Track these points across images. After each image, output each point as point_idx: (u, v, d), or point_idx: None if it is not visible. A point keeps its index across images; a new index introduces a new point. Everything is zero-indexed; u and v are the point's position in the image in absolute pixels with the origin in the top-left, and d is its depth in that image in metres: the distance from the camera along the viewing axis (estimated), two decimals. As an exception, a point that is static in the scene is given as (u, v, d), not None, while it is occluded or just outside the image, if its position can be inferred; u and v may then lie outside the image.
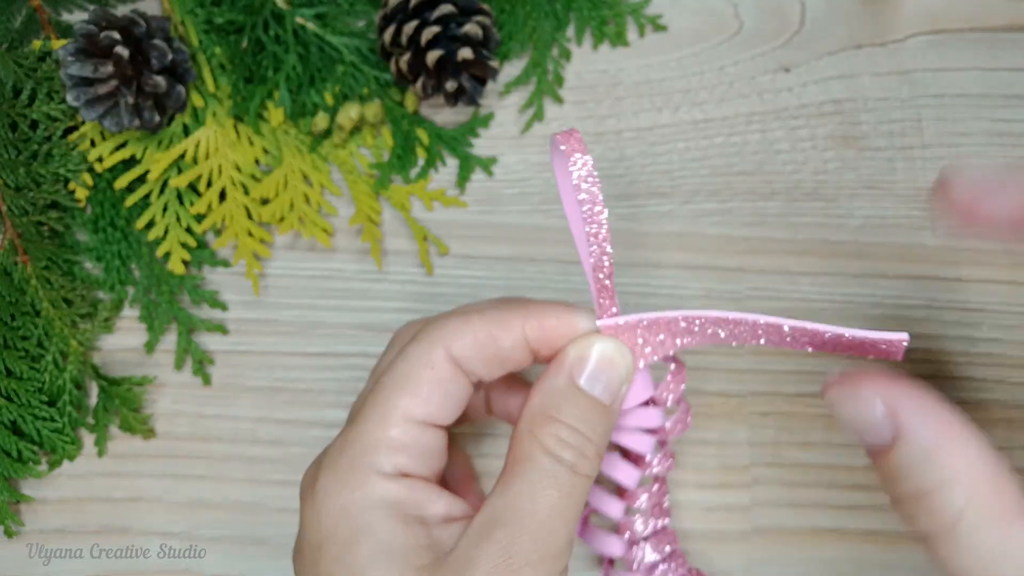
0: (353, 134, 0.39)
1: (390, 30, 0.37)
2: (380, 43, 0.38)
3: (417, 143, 0.39)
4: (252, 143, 0.38)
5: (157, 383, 0.37)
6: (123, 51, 0.35)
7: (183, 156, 0.38)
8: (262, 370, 0.37)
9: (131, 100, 0.35)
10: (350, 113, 0.38)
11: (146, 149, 0.38)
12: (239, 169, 0.38)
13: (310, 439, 0.36)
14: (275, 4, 0.39)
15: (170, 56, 0.36)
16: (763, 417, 0.36)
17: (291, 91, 0.39)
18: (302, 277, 0.38)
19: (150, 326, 0.37)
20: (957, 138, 0.39)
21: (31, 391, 0.36)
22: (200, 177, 0.38)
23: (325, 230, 0.38)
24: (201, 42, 0.38)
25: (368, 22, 0.40)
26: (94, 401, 0.37)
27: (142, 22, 0.36)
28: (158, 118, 0.37)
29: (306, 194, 0.38)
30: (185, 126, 0.38)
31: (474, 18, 0.37)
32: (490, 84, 0.39)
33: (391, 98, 0.39)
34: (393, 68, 0.38)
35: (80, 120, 0.38)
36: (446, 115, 0.40)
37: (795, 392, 0.36)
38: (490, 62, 0.37)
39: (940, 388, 0.37)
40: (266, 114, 0.38)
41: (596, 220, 0.26)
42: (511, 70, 0.40)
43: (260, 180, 0.38)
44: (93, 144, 0.38)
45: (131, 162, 0.38)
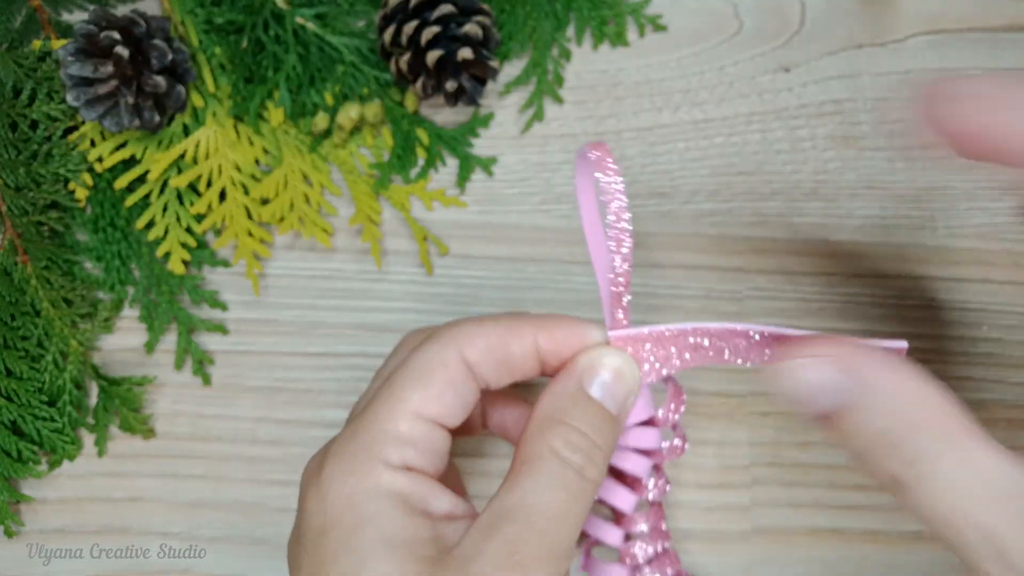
0: (353, 134, 0.39)
1: (390, 30, 0.37)
2: (380, 43, 0.38)
3: (417, 143, 0.39)
4: (252, 143, 0.38)
5: (157, 383, 0.37)
6: (123, 51, 0.35)
7: (183, 156, 0.38)
8: (262, 370, 0.37)
9: (131, 100, 0.35)
10: (350, 113, 0.38)
11: (146, 149, 0.38)
12: (239, 169, 0.38)
13: (310, 439, 0.36)
14: (275, 4, 0.39)
15: (170, 56, 0.36)
16: (763, 417, 0.36)
17: (291, 91, 0.39)
18: (302, 277, 0.38)
19: (150, 326, 0.37)
20: (957, 138, 0.39)
21: (31, 391, 0.36)
22: (200, 177, 0.38)
23: (325, 230, 0.38)
24: (201, 42, 0.38)
25: (368, 22, 0.40)
26: (94, 401, 0.37)
27: (142, 22, 0.36)
28: (158, 118, 0.37)
29: (306, 194, 0.38)
30: (185, 126, 0.38)
31: (474, 18, 0.37)
32: (490, 84, 0.39)
33: (391, 98, 0.39)
34: (393, 68, 0.38)
35: (80, 120, 0.38)
36: (446, 115, 0.40)
37: (795, 392, 0.36)
38: (490, 62, 0.37)
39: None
40: (266, 114, 0.38)
41: (621, 235, 0.26)
42: (511, 70, 0.40)
43: (260, 180, 0.38)
44: (93, 144, 0.38)
45: (131, 162, 0.38)
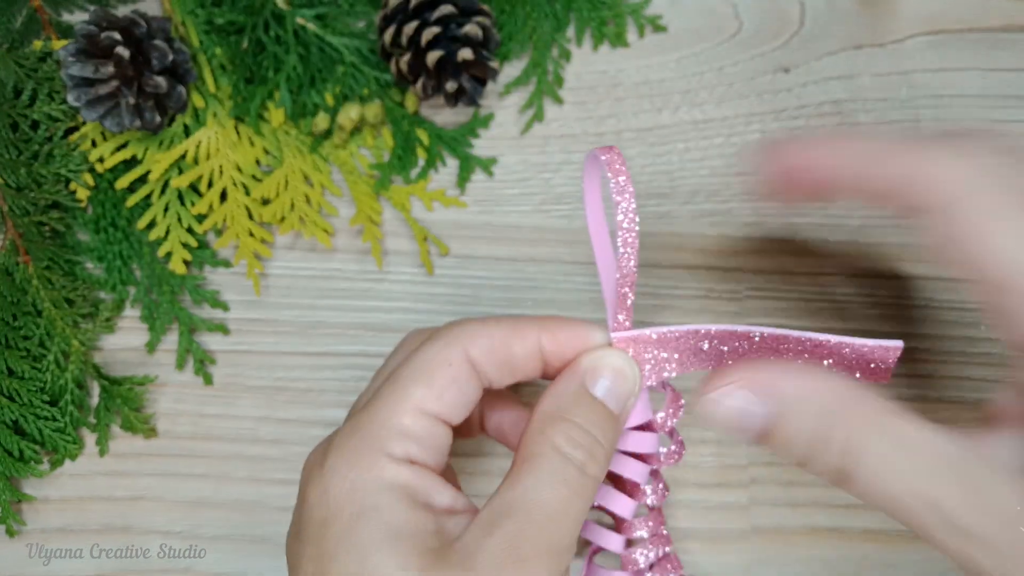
0: (353, 135, 0.39)
1: (390, 31, 0.37)
2: (380, 44, 0.38)
3: (417, 143, 0.39)
4: (253, 143, 0.38)
5: (158, 383, 0.37)
6: (124, 52, 0.35)
7: (184, 156, 0.38)
8: (263, 370, 0.37)
9: (132, 100, 0.35)
10: (350, 114, 0.38)
11: (147, 149, 0.38)
12: (240, 169, 0.38)
13: (311, 438, 0.36)
14: (276, 5, 0.39)
15: (171, 57, 0.36)
16: (762, 417, 0.36)
17: (292, 92, 0.39)
18: (303, 277, 0.38)
19: (151, 326, 0.37)
20: (956, 138, 0.39)
21: (33, 391, 0.36)
22: (201, 177, 0.38)
23: (326, 230, 0.38)
24: (202, 43, 0.38)
25: (368, 23, 0.40)
26: (96, 401, 0.37)
27: (143, 23, 0.36)
28: (159, 118, 0.37)
29: (307, 194, 0.38)
30: (186, 127, 0.38)
31: (474, 19, 0.37)
32: (490, 85, 0.39)
33: (391, 99, 0.39)
34: (393, 69, 0.38)
35: (81, 120, 0.38)
36: (446, 116, 0.40)
37: (794, 392, 0.36)
38: (490, 63, 0.37)
39: (939, 388, 0.37)
40: (267, 115, 0.39)
41: (629, 237, 0.26)
42: (511, 71, 0.41)
43: (261, 180, 0.38)
44: (94, 144, 0.38)
45: (132, 162, 0.38)
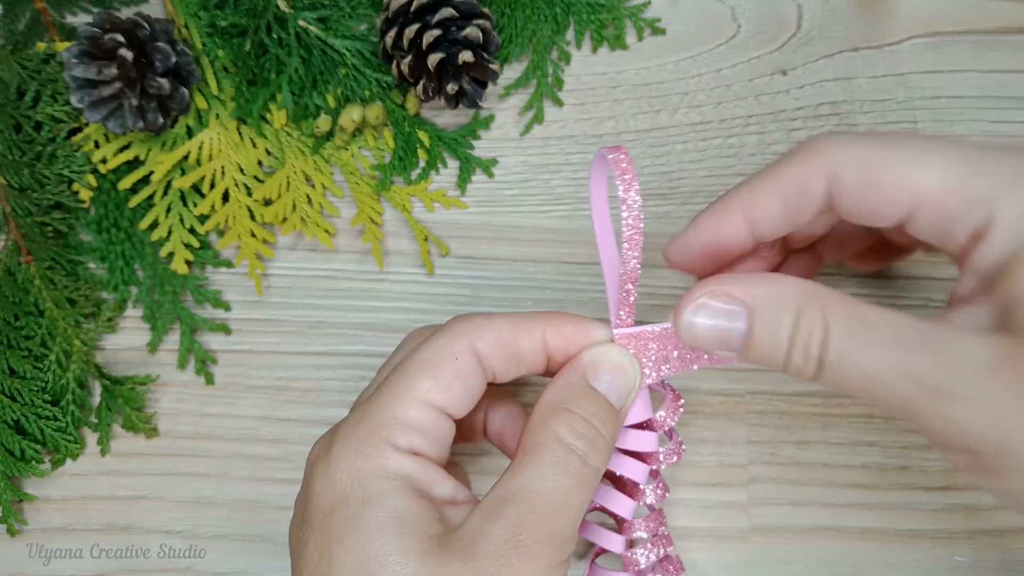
0: (355, 136, 0.39)
1: (391, 33, 0.37)
2: (382, 46, 0.38)
3: (418, 145, 0.39)
4: (255, 145, 0.39)
5: (160, 382, 0.37)
6: (127, 53, 0.35)
7: (186, 158, 0.38)
8: (264, 369, 0.37)
9: (135, 102, 0.36)
10: (352, 115, 0.38)
11: (150, 151, 0.38)
12: (242, 170, 0.38)
13: (312, 438, 0.36)
14: (278, 7, 0.39)
15: (174, 58, 0.36)
16: (761, 416, 0.36)
17: (294, 93, 0.39)
18: (304, 277, 0.38)
19: (153, 326, 0.37)
20: (953, 140, 0.40)
21: (35, 390, 0.36)
22: (203, 178, 0.38)
23: (327, 231, 0.38)
24: (204, 45, 0.39)
25: (370, 25, 0.40)
26: (97, 400, 0.37)
27: (146, 25, 0.36)
28: (162, 120, 0.37)
29: (308, 195, 0.38)
30: (188, 128, 0.39)
31: (474, 21, 0.37)
32: (490, 87, 0.39)
33: (392, 100, 0.40)
34: (394, 71, 0.38)
35: (84, 122, 0.38)
36: (447, 117, 0.40)
37: (793, 391, 0.37)
38: (490, 65, 0.38)
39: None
40: (269, 116, 0.39)
41: (635, 236, 0.27)
42: (511, 73, 0.41)
43: (263, 181, 0.38)
44: (97, 145, 0.38)
45: (135, 163, 0.38)
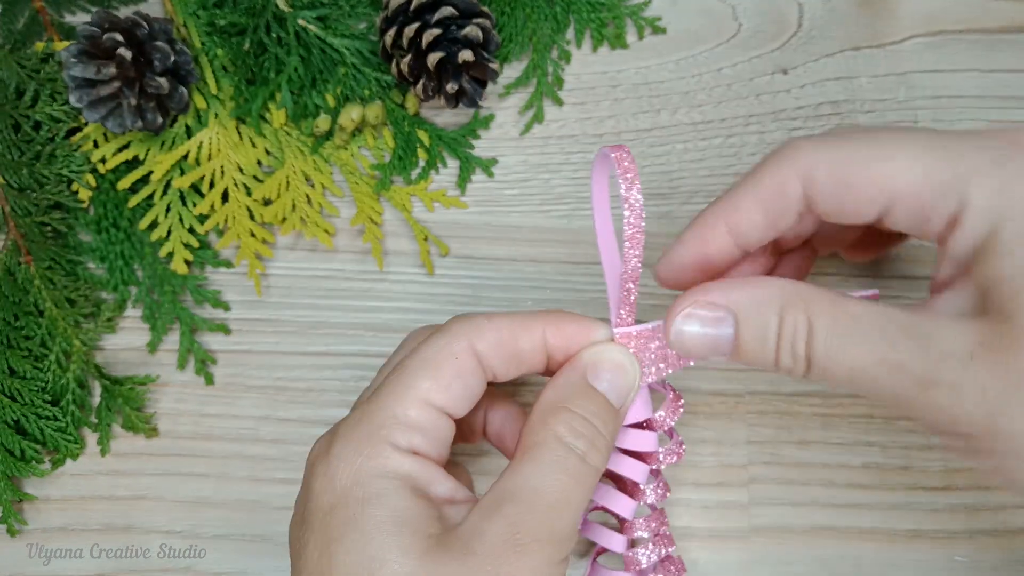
0: (354, 135, 0.39)
1: (391, 32, 0.37)
2: (381, 45, 0.38)
3: (418, 144, 0.39)
4: (254, 144, 0.39)
5: (160, 382, 0.37)
6: (126, 53, 0.35)
7: (186, 157, 0.38)
8: (264, 369, 0.37)
9: (134, 101, 0.36)
10: (351, 115, 0.38)
11: (149, 150, 0.38)
12: (241, 170, 0.38)
13: (312, 438, 0.36)
14: (277, 6, 0.39)
15: (173, 58, 0.36)
16: (761, 416, 0.36)
17: (293, 93, 0.39)
18: (304, 277, 0.38)
19: (153, 326, 0.37)
20: (954, 139, 0.40)
21: (34, 390, 0.36)
22: (203, 178, 0.38)
23: (327, 231, 0.38)
24: (203, 44, 0.39)
25: (369, 24, 0.40)
26: (97, 400, 0.37)
27: (145, 24, 0.36)
28: (161, 119, 0.37)
29: (308, 195, 0.38)
30: (188, 127, 0.39)
31: (474, 20, 0.37)
32: (490, 86, 0.39)
33: (392, 100, 0.39)
34: (394, 70, 0.38)
35: (83, 121, 0.38)
36: (447, 116, 0.40)
37: (793, 391, 0.37)
38: (490, 64, 0.37)
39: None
40: (268, 115, 0.39)
41: (637, 237, 0.27)
42: (511, 72, 0.41)
43: (262, 181, 0.38)
44: (96, 145, 0.38)
45: (134, 163, 0.38)
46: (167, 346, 0.38)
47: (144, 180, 0.38)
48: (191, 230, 0.38)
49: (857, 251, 0.34)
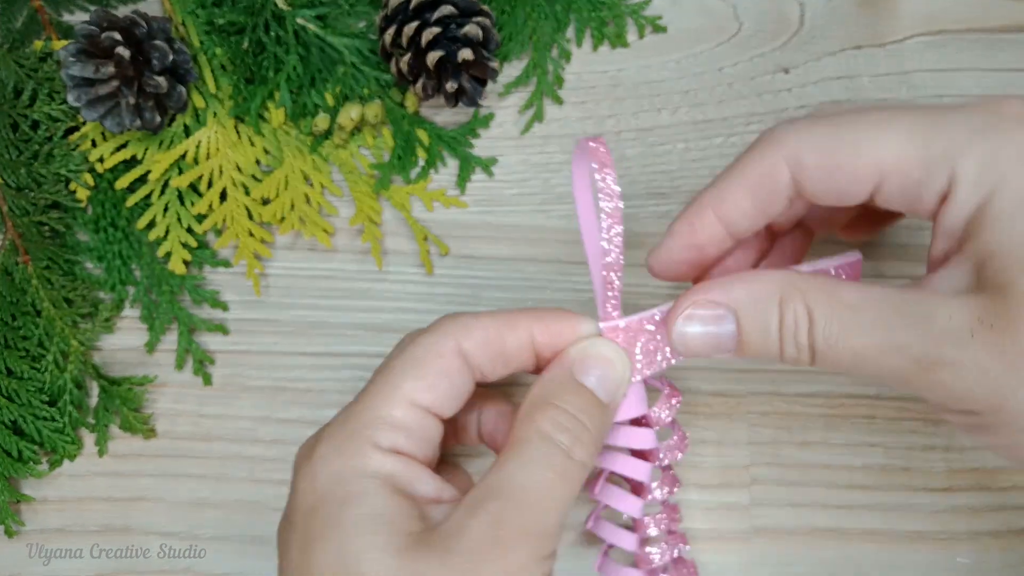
0: (354, 134, 0.39)
1: (390, 31, 0.37)
2: (381, 44, 0.38)
3: (417, 143, 0.39)
4: (253, 143, 0.38)
5: (158, 383, 0.37)
6: (124, 52, 0.35)
7: (184, 156, 0.38)
8: (263, 370, 0.37)
9: (132, 100, 0.35)
10: (351, 114, 0.38)
11: (147, 149, 0.38)
12: (240, 169, 0.38)
13: (310, 439, 0.36)
14: (276, 5, 0.39)
15: (171, 57, 0.36)
16: (762, 416, 0.36)
17: (292, 92, 0.39)
18: (303, 277, 0.38)
19: (151, 326, 0.37)
20: (956, 139, 0.39)
21: (32, 391, 0.36)
22: (201, 177, 0.38)
23: (326, 230, 0.38)
24: (202, 43, 0.38)
25: (369, 23, 0.40)
26: (95, 401, 0.37)
27: (143, 23, 0.36)
28: (159, 118, 0.37)
29: (307, 194, 0.38)
30: (186, 127, 0.38)
31: (474, 19, 0.37)
32: (490, 85, 0.39)
33: (391, 99, 0.39)
34: (393, 69, 0.38)
35: (81, 120, 0.38)
36: (446, 116, 0.40)
37: (794, 392, 0.36)
38: (490, 63, 0.37)
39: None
40: (267, 115, 0.39)
41: (615, 227, 0.27)
42: (511, 71, 0.41)
43: (261, 180, 0.38)
44: (94, 144, 0.38)
45: (132, 162, 0.38)
46: (165, 346, 0.37)
47: (142, 179, 0.38)
48: (189, 230, 0.38)
49: (852, 230, 0.34)
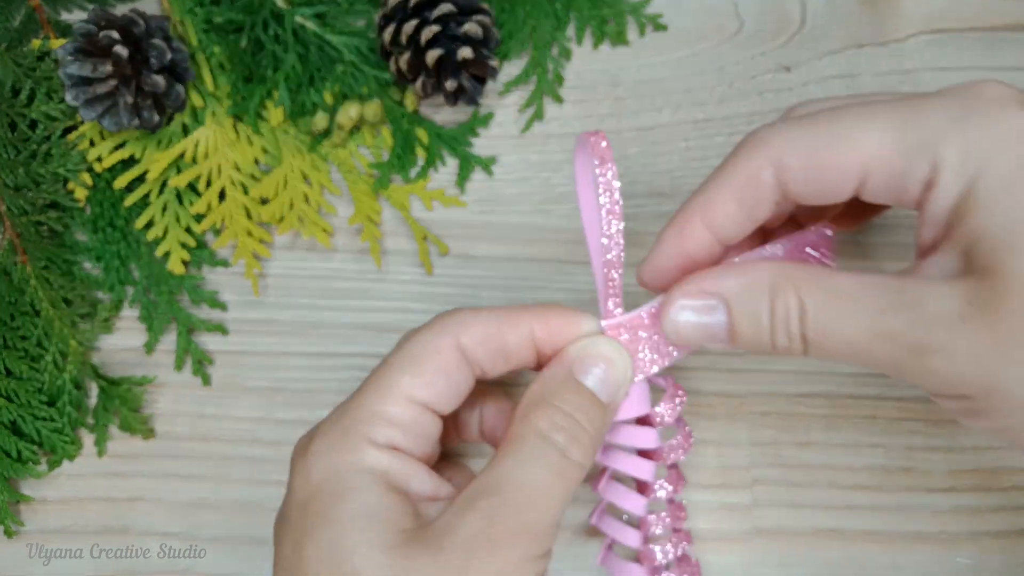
0: (353, 133, 0.39)
1: (390, 29, 0.37)
2: (380, 42, 0.38)
3: (417, 143, 0.39)
4: (251, 143, 0.38)
5: (157, 383, 0.37)
6: (122, 50, 0.35)
7: (182, 156, 0.38)
8: (262, 370, 0.37)
9: (130, 99, 0.35)
10: (350, 112, 0.38)
11: (145, 149, 0.38)
12: (238, 169, 0.38)
13: (310, 439, 0.36)
14: (274, 3, 0.39)
15: (169, 55, 0.36)
16: (763, 417, 0.36)
17: (290, 90, 0.38)
18: (302, 277, 0.38)
19: (150, 326, 0.37)
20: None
21: (31, 391, 0.36)
22: (199, 177, 0.38)
23: (325, 230, 0.38)
24: (200, 41, 0.38)
25: (368, 21, 0.40)
26: (94, 401, 0.37)
27: (141, 21, 0.36)
28: (157, 118, 0.37)
29: (306, 194, 0.38)
30: (184, 126, 0.38)
31: (474, 17, 0.37)
32: (490, 83, 0.39)
33: (391, 97, 0.39)
34: (393, 67, 0.38)
35: (79, 119, 0.38)
36: (446, 114, 0.40)
37: (795, 392, 0.36)
38: (490, 61, 0.37)
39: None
40: (265, 113, 0.38)
41: (615, 223, 0.26)
42: (511, 69, 0.40)
43: (259, 180, 0.38)
44: (92, 144, 0.38)
45: (130, 162, 0.38)
46: (164, 346, 0.37)
47: (140, 179, 0.38)
48: (188, 229, 0.38)
49: (839, 223, 0.34)
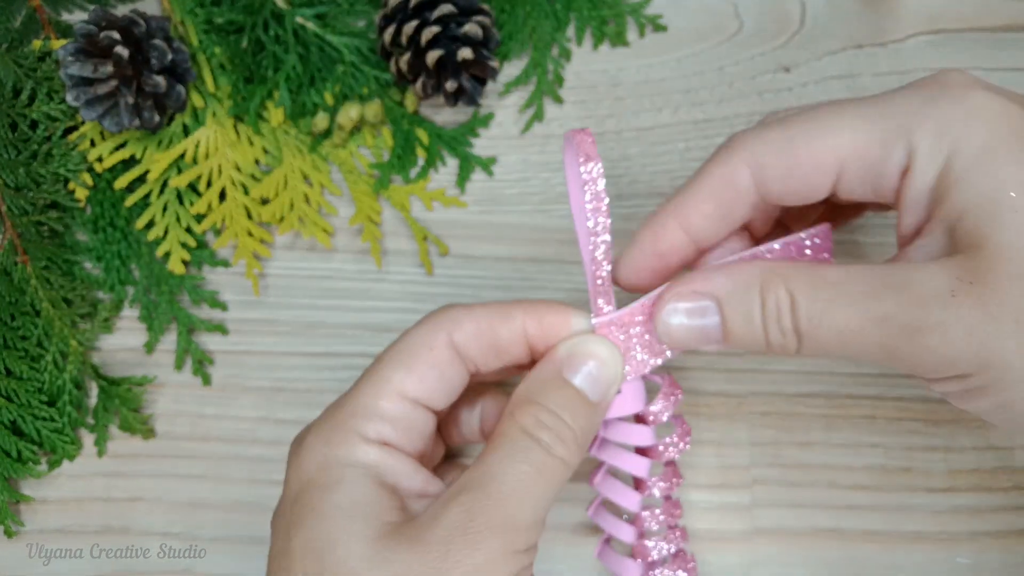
0: (353, 134, 0.39)
1: (390, 30, 0.37)
2: (380, 43, 0.38)
3: (417, 143, 0.39)
4: (252, 143, 0.38)
5: (157, 383, 0.37)
6: (123, 51, 0.35)
7: (183, 156, 0.38)
8: (262, 370, 0.37)
9: (131, 100, 0.35)
10: (350, 113, 0.38)
11: (146, 149, 0.38)
12: (239, 169, 0.38)
13: (310, 439, 0.36)
14: (275, 4, 0.39)
15: (170, 56, 0.36)
16: (763, 417, 0.36)
17: (291, 91, 0.39)
18: (302, 277, 0.38)
19: (150, 326, 0.37)
20: (957, 138, 0.39)
21: (31, 391, 0.36)
22: (200, 177, 0.38)
23: (325, 230, 0.38)
24: (201, 42, 0.38)
25: (368, 22, 0.40)
26: (94, 401, 0.37)
27: (142, 22, 0.36)
28: (158, 118, 0.37)
29: (306, 194, 0.38)
30: (185, 126, 0.38)
31: (474, 18, 0.37)
32: (490, 84, 0.39)
33: (391, 98, 0.39)
34: (393, 68, 0.38)
35: (80, 120, 0.38)
36: (446, 115, 0.40)
37: (795, 392, 0.36)
38: (490, 62, 0.37)
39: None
40: (266, 114, 0.38)
41: (600, 220, 0.26)
42: (511, 70, 0.40)
43: (260, 180, 0.38)
44: (93, 144, 0.38)
45: (131, 162, 0.38)
46: (164, 346, 0.37)
47: (141, 179, 0.38)
48: (188, 229, 0.38)
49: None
